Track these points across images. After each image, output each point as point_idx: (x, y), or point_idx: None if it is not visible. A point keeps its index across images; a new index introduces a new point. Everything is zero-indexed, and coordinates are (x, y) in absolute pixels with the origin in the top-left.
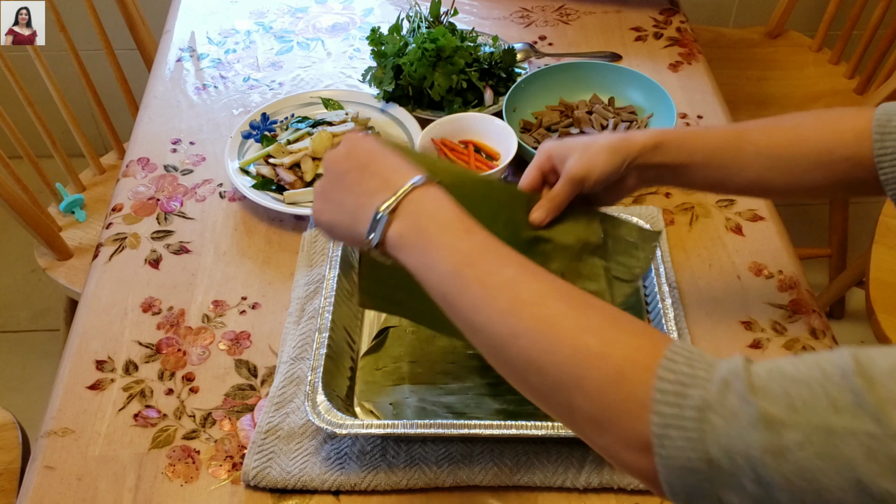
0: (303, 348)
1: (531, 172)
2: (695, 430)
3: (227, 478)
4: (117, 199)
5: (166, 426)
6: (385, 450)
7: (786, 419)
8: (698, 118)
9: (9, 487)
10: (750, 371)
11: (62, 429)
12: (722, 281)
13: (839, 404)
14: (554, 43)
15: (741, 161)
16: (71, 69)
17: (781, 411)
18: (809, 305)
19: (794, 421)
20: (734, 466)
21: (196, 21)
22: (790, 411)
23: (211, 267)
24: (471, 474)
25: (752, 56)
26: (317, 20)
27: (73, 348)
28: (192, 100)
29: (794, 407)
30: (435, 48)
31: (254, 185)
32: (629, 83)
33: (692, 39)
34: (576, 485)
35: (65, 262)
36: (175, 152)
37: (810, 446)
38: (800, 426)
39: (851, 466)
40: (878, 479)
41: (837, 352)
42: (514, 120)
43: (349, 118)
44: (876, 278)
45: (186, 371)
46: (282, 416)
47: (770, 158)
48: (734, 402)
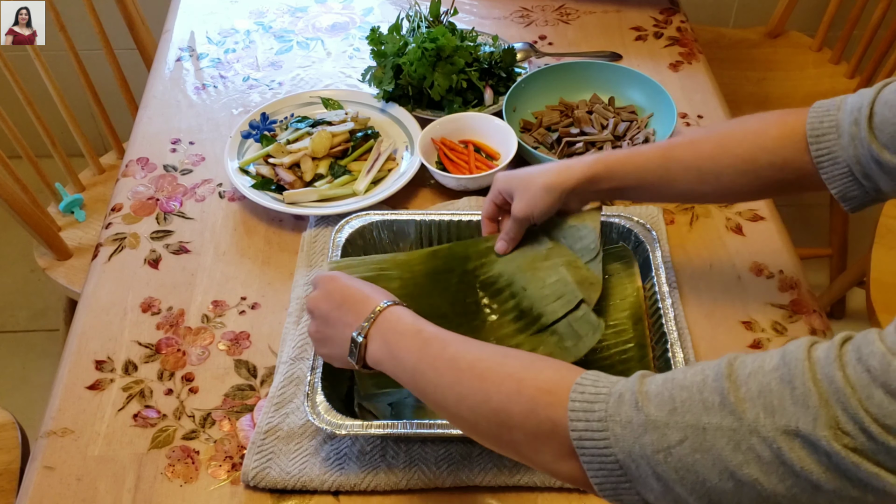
0: (302, 348)
1: (488, 206)
2: (602, 440)
3: (226, 478)
4: (117, 199)
5: (166, 426)
6: (385, 450)
7: (668, 421)
8: (698, 118)
9: (8, 487)
10: (644, 383)
11: (62, 429)
12: (722, 281)
13: (709, 404)
14: (554, 43)
15: (670, 177)
16: (70, 69)
17: (664, 415)
18: (810, 305)
19: (675, 422)
20: (637, 466)
21: (196, 21)
22: (671, 414)
23: (210, 267)
24: (470, 474)
25: (752, 56)
26: (316, 20)
27: (72, 348)
28: (192, 99)
29: (675, 409)
30: (435, 48)
31: (253, 185)
32: (629, 83)
33: (692, 39)
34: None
35: (64, 262)
36: (174, 152)
37: (688, 443)
38: (679, 426)
39: (721, 458)
40: (743, 468)
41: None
42: (514, 120)
43: (349, 118)
44: (876, 279)
45: (186, 371)
46: (281, 416)
47: (697, 171)
48: (627, 411)
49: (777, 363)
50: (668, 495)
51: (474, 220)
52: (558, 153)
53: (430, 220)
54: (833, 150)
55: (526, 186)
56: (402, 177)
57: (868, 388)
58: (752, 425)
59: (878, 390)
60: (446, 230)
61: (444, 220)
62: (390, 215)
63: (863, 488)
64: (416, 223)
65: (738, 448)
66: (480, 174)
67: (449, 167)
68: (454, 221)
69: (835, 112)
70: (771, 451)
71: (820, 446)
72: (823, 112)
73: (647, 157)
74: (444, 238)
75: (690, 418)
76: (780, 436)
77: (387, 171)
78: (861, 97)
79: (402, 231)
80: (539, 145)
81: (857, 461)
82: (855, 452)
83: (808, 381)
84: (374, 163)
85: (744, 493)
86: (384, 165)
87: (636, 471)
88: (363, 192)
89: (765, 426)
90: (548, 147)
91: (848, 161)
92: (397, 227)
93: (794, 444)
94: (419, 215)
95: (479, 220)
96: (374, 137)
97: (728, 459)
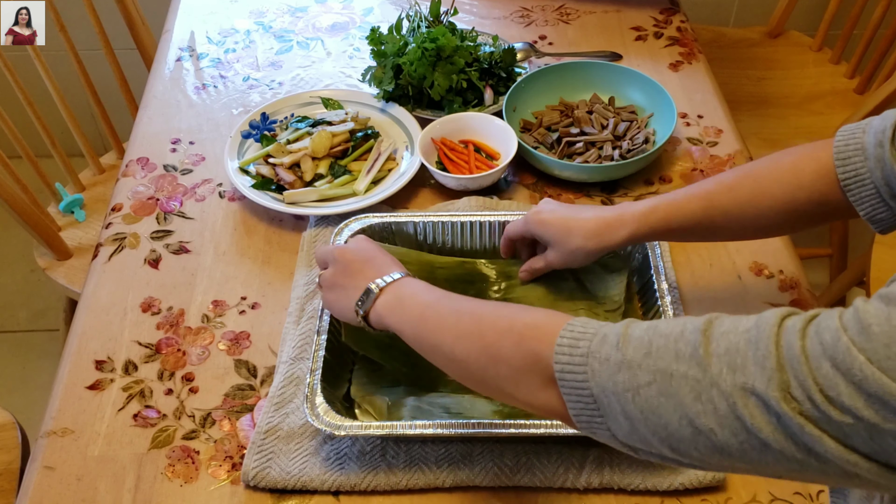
0: (302, 348)
1: (512, 241)
2: (581, 373)
3: (226, 478)
4: (117, 199)
5: (166, 426)
6: (385, 450)
7: (641, 363)
8: (698, 118)
9: (8, 487)
10: (629, 326)
11: (62, 429)
12: (722, 281)
13: (681, 354)
14: (554, 42)
15: (714, 227)
16: (70, 69)
17: (639, 357)
18: (810, 305)
19: (647, 365)
20: (609, 402)
21: (196, 21)
22: (645, 357)
23: (210, 267)
24: (471, 475)
25: (752, 56)
26: (316, 20)
27: (72, 348)
28: (192, 99)
29: (650, 353)
30: (435, 48)
31: (253, 185)
32: (629, 83)
33: (692, 39)
34: (576, 485)
35: (64, 262)
36: (175, 152)
37: (655, 386)
38: (649, 369)
39: (683, 405)
40: (701, 417)
41: (707, 314)
42: (514, 119)
43: (349, 118)
44: (876, 278)
45: (186, 371)
46: (281, 416)
47: (739, 218)
48: (608, 350)
49: (750, 326)
50: (635, 434)
51: (472, 221)
52: (558, 153)
53: (427, 221)
54: (860, 172)
55: (565, 241)
56: (402, 177)
57: (819, 359)
58: (715, 378)
59: (826, 363)
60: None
61: (443, 221)
62: (389, 217)
63: (807, 451)
64: (415, 224)
65: (699, 398)
66: (480, 174)
67: (449, 167)
68: (454, 223)
69: (860, 134)
70: (727, 404)
71: (771, 406)
72: (849, 135)
73: (691, 211)
74: (443, 240)
75: (661, 363)
76: (738, 392)
77: (387, 171)
78: (884, 119)
79: (401, 232)
80: (539, 145)
81: (801, 423)
82: (801, 416)
83: (772, 344)
84: (374, 163)
85: (699, 441)
86: (384, 165)
87: (608, 406)
88: (363, 192)
89: (725, 381)
90: (548, 147)
91: (875, 182)
92: (396, 228)
93: (749, 401)
94: (418, 216)
95: (476, 221)
96: (374, 137)
97: (688, 407)
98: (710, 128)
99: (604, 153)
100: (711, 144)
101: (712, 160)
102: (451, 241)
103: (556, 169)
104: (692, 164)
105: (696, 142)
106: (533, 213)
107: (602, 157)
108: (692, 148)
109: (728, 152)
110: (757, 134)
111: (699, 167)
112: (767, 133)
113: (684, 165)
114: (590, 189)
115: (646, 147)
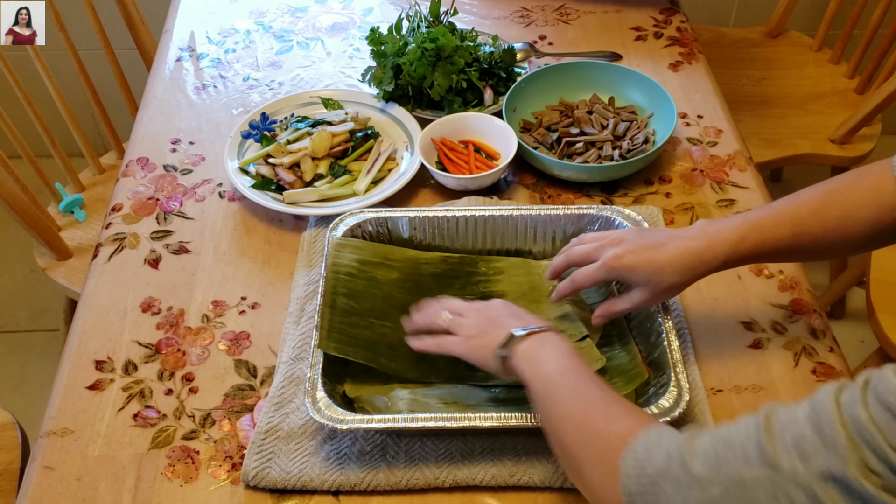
0: (302, 348)
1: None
2: (652, 498)
3: (226, 478)
4: (117, 199)
5: (166, 426)
6: (385, 450)
7: (712, 477)
8: (698, 118)
9: (8, 487)
10: (692, 442)
11: (62, 429)
12: (722, 281)
13: (749, 458)
14: (554, 42)
15: (799, 252)
16: (70, 69)
17: (708, 471)
18: (810, 305)
19: (718, 478)
20: None
21: (196, 21)
22: (715, 470)
23: (210, 267)
24: (470, 474)
25: (752, 56)
26: (316, 20)
27: (72, 348)
28: (192, 99)
29: (718, 465)
30: (435, 48)
31: (253, 185)
32: (629, 83)
33: (692, 39)
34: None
35: (64, 262)
36: (174, 152)
37: (729, 496)
38: (721, 481)
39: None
40: None
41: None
42: (514, 120)
43: (349, 118)
44: (876, 278)
45: (186, 371)
46: (281, 416)
47: (825, 243)
48: (676, 470)
49: (808, 412)
50: None
51: (468, 215)
52: (558, 153)
53: (423, 216)
54: None
55: (657, 282)
56: (402, 177)
57: (890, 425)
58: (790, 474)
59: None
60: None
61: (437, 216)
62: (384, 212)
63: None
64: (410, 220)
65: (776, 498)
66: (480, 174)
67: (449, 167)
68: (448, 217)
69: None
70: (807, 497)
71: (853, 487)
72: None
73: (780, 237)
74: (439, 235)
75: (732, 472)
76: (816, 481)
77: (387, 171)
78: None
79: (397, 227)
80: (539, 145)
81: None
82: (885, 491)
83: (836, 423)
84: (374, 163)
85: None
86: (384, 165)
87: None
88: (363, 192)
89: (801, 474)
90: (548, 147)
91: None
92: (391, 223)
93: (829, 487)
94: (413, 212)
95: (473, 216)
96: (374, 137)
97: None
98: (710, 128)
99: (604, 153)
100: (711, 144)
101: (712, 160)
102: (445, 238)
103: (555, 169)
104: (692, 164)
105: (696, 142)
106: (612, 259)
107: (602, 157)
108: (692, 148)
109: (728, 152)
110: (757, 134)
111: (699, 167)
112: (767, 133)
113: (684, 165)
114: (590, 189)
115: (646, 147)
